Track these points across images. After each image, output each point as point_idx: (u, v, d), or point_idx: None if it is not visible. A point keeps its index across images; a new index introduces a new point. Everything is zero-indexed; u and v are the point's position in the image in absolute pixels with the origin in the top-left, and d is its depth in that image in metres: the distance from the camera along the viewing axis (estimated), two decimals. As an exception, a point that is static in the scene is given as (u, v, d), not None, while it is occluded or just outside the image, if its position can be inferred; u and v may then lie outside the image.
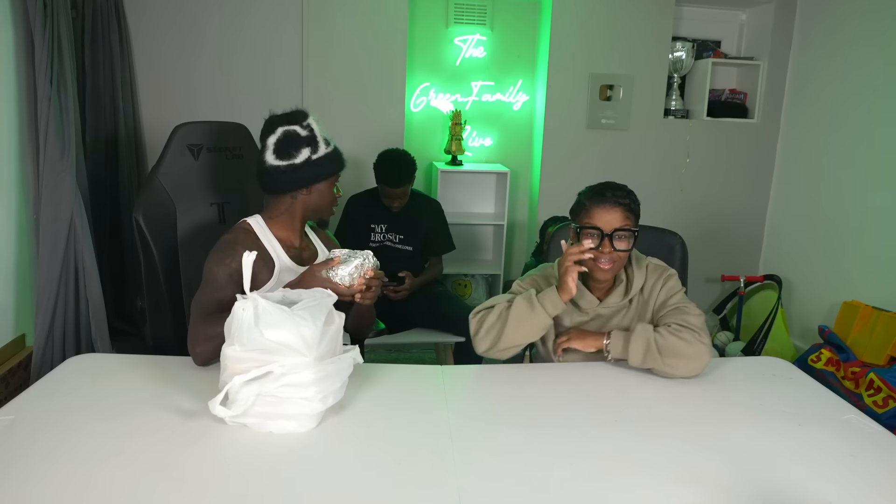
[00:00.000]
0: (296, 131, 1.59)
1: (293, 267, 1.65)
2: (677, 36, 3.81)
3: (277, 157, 1.58)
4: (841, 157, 3.41)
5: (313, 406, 1.24)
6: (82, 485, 1.06)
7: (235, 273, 1.52)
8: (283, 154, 1.58)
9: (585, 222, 1.55)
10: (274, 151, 1.58)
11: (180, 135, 1.99)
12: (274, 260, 1.61)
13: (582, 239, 1.53)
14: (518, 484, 1.12)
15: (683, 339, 1.49)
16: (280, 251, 1.63)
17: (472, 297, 3.91)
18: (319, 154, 1.60)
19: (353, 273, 1.50)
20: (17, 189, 2.43)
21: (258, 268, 1.57)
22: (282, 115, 1.62)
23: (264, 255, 1.60)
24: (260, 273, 1.58)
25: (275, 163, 1.58)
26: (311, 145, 1.59)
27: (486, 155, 3.93)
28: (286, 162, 1.58)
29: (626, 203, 1.54)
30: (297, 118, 1.60)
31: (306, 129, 1.59)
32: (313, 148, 1.59)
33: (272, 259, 1.61)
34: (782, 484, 1.14)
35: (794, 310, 3.70)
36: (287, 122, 1.60)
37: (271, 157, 1.59)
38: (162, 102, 3.33)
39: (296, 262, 1.66)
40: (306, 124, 1.60)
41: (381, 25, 3.44)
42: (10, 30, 2.35)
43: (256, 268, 1.55)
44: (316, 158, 1.60)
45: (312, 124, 1.61)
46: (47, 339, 2.40)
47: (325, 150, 1.61)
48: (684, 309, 1.56)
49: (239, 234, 1.59)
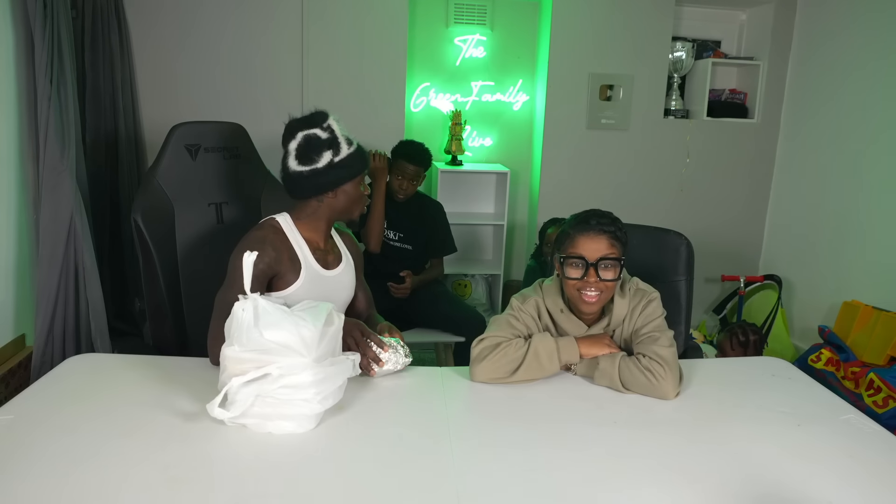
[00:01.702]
0: (316, 135, 1.55)
1: (319, 270, 1.63)
2: (677, 36, 3.81)
3: (300, 162, 1.56)
4: (841, 157, 3.41)
5: (312, 407, 1.24)
6: (82, 484, 1.06)
7: (261, 273, 1.50)
8: (304, 159, 1.55)
9: (570, 252, 1.51)
10: (296, 157, 1.56)
11: (178, 135, 1.99)
12: (301, 262, 1.59)
13: (566, 269, 1.51)
14: (517, 484, 1.12)
15: (649, 377, 1.44)
16: (307, 253, 1.61)
17: (472, 297, 3.91)
18: (342, 155, 1.57)
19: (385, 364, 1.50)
20: (17, 189, 2.43)
21: (285, 268, 1.57)
22: (301, 118, 1.59)
23: (292, 256, 1.58)
24: (286, 274, 1.57)
25: (297, 168, 1.56)
26: (332, 147, 1.56)
27: (486, 155, 3.93)
28: (309, 167, 1.55)
29: (612, 231, 1.50)
30: (317, 120, 1.57)
31: (326, 130, 1.56)
32: (335, 150, 1.56)
33: (299, 261, 1.59)
34: (782, 484, 1.14)
35: (794, 310, 3.70)
36: (307, 125, 1.57)
37: (294, 162, 1.57)
38: (162, 102, 3.32)
39: (321, 264, 1.64)
40: (326, 126, 1.57)
41: (381, 25, 3.44)
42: (10, 30, 2.35)
43: (283, 268, 1.57)
44: (339, 160, 1.56)
45: (333, 125, 1.57)
46: (47, 339, 2.39)
47: (348, 151, 1.58)
48: (657, 339, 1.49)
49: (268, 233, 1.57)
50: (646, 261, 1.94)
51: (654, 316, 1.55)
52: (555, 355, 1.49)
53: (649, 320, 1.54)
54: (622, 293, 1.57)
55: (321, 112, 1.59)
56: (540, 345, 1.50)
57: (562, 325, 1.58)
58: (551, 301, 1.59)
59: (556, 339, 1.52)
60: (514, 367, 1.48)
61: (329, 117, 1.59)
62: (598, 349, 1.52)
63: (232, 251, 1.56)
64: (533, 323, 1.58)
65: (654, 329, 1.53)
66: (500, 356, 1.49)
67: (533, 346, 1.50)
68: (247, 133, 2.16)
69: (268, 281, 1.56)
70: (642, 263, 1.86)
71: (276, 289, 1.57)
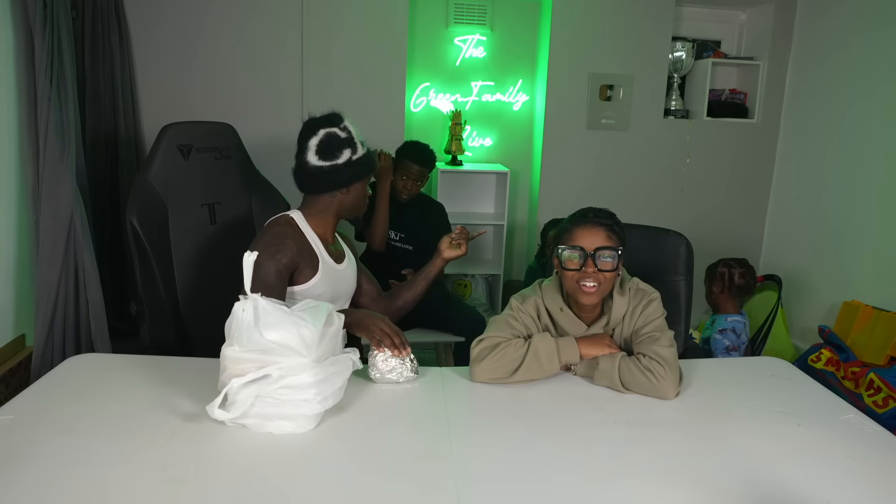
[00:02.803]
0: (336, 133, 1.64)
1: (332, 264, 1.69)
2: (677, 36, 3.81)
3: (320, 157, 1.63)
4: (841, 156, 3.41)
5: (312, 407, 1.24)
6: (82, 484, 1.06)
7: (285, 269, 1.56)
8: (325, 155, 1.63)
9: (568, 243, 1.52)
10: (316, 153, 1.64)
11: (169, 135, 1.99)
12: (318, 256, 1.65)
13: (564, 260, 1.51)
14: (517, 485, 1.12)
15: (649, 377, 1.44)
16: (321, 247, 1.67)
17: (472, 297, 3.91)
18: (359, 155, 1.67)
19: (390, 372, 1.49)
20: (17, 189, 2.43)
21: (305, 262, 1.62)
22: (320, 117, 1.67)
23: (309, 251, 1.64)
24: (306, 269, 1.62)
25: (318, 163, 1.64)
26: (351, 146, 1.66)
27: (486, 155, 3.93)
28: (329, 163, 1.63)
29: (609, 223, 1.52)
30: (335, 121, 1.66)
31: (344, 130, 1.66)
32: (353, 149, 1.66)
33: (316, 255, 1.65)
34: (781, 484, 1.14)
35: (794, 310, 3.70)
36: (326, 124, 1.65)
37: (314, 157, 1.64)
38: (162, 102, 3.32)
39: (332, 258, 1.70)
40: (343, 126, 1.66)
41: (381, 25, 3.44)
42: (10, 30, 2.35)
43: (304, 262, 1.62)
44: (356, 159, 1.66)
45: (349, 127, 1.68)
46: (47, 339, 2.39)
47: (363, 152, 1.68)
48: (657, 339, 1.50)
49: (287, 228, 1.63)
50: (645, 261, 1.94)
51: (654, 316, 1.55)
52: (555, 355, 1.49)
53: (650, 320, 1.54)
54: (622, 291, 1.57)
55: (337, 114, 1.69)
56: (540, 345, 1.50)
57: (561, 325, 1.58)
58: (550, 300, 1.59)
59: (557, 339, 1.52)
60: (513, 368, 1.49)
61: (345, 119, 1.68)
62: (597, 349, 1.53)
63: (229, 251, 1.57)
64: (532, 323, 1.58)
65: (655, 329, 1.53)
66: (499, 356, 1.49)
67: (533, 346, 1.50)
68: (237, 133, 2.16)
69: (290, 275, 1.59)
70: (642, 263, 1.86)
71: (295, 283, 1.62)
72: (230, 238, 1.68)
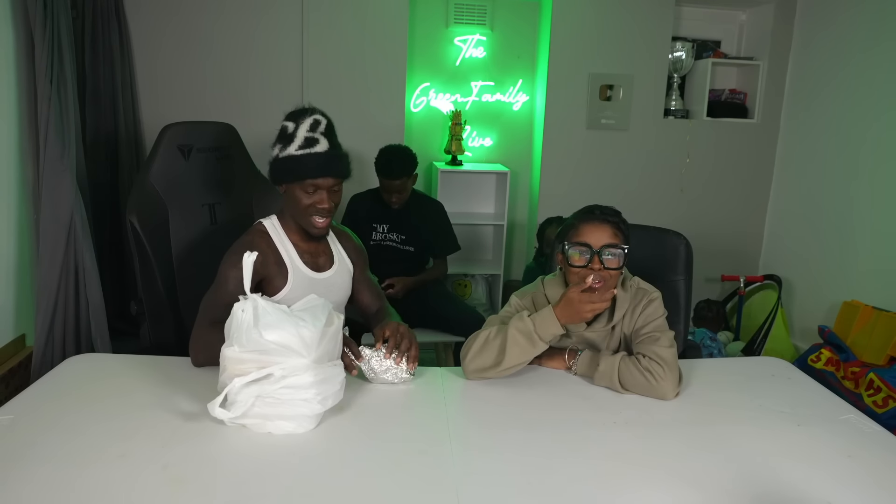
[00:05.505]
0: (285, 126, 1.55)
1: (307, 273, 1.61)
2: (677, 36, 3.81)
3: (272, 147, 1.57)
4: (841, 156, 3.41)
5: (312, 407, 1.24)
6: (82, 484, 1.06)
7: None
8: (273, 146, 1.56)
9: (574, 240, 1.52)
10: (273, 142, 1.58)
11: (169, 135, 1.99)
12: (287, 266, 1.58)
13: (570, 256, 1.51)
14: (517, 485, 1.12)
15: (649, 377, 1.44)
16: (294, 255, 1.59)
17: (472, 297, 3.91)
18: (286, 153, 1.52)
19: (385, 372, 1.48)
20: (17, 189, 2.43)
21: (272, 273, 1.55)
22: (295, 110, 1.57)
23: (278, 261, 1.57)
24: (274, 279, 1.56)
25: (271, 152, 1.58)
26: (282, 142, 1.53)
27: (485, 155, 3.93)
28: (271, 154, 1.56)
29: (615, 221, 1.52)
30: (298, 115, 1.55)
31: (295, 126, 1.53)
32: (283, 146, 1.53)
33: (285, 265, 1.58)
34: (781, 484, 1.14)
35: (794, 310, 3.70)
36: (289, 116, 1.56)
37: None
38: (162, 102, 3.32)
39: (310, 267, 1.62)
40: (300, 122, 1.53)
41: (381, 25, 3.44)
42: (10, 30, 2.35)
43: (270, 273, 1.55)
44: (283, 157, 1.52)
45: (303, 124, 1.52)
46: (47, 339, 2.39)
47: (298, 152, 1.51)
48: (657, 339, 1.50)
49: (255, 237, 1.57)
50: (645, 260, 1.94)
51: (654, 316, 1.55)
52: (533, 332, 1.47)
53: (650, 320, 1.54)
54: (623, 288, 1.58)
55: (308, 109, 1.56)
56: (517, 324, 1.49)
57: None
58: (553, 292, 1.59)
59: (532, 316, 1.50)
60: (497, 354, 1.48)
61: (309, 116, 1.54)
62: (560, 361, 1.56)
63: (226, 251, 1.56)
64: None
65: (655, 329, 1.53)
66: (481, 345, 1.50)
67: (510, 327, 1.49)
68: (237, 133, 2.15)
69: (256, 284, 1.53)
70: (642, 263, 1.86)
71: (266, 293, 1.55)
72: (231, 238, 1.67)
